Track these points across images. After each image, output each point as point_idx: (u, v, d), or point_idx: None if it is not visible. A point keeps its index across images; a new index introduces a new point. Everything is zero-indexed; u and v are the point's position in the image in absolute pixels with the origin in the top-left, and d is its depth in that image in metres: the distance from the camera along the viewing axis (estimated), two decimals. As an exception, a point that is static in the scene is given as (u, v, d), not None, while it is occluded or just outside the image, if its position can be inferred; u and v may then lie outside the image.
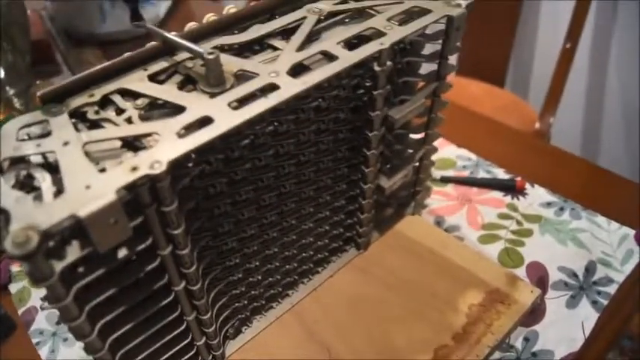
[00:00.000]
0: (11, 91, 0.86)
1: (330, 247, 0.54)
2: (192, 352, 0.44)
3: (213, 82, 0.36)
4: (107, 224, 0.29)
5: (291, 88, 0.36)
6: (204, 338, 0.44)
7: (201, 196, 0.37)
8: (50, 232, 0.28)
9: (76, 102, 0.36)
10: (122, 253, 0.34)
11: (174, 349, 0.42)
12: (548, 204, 0.63)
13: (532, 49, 1.26)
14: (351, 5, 0.46)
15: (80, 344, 0.53)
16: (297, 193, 0.45)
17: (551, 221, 0.61)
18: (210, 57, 0.35)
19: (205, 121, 0.33)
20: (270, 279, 0.49)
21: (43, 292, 0.59)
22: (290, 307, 0.52)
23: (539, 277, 0.56)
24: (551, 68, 1.07)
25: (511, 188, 0.64)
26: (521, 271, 0.56)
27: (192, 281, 0.39)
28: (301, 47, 0.40)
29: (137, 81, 0.37)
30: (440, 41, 0.48)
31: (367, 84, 0.44)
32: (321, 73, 0.37)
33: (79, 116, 0.35)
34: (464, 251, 0.56)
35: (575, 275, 0.55)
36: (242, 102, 0.36)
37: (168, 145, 0.32)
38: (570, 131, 1.26)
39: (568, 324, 0.52)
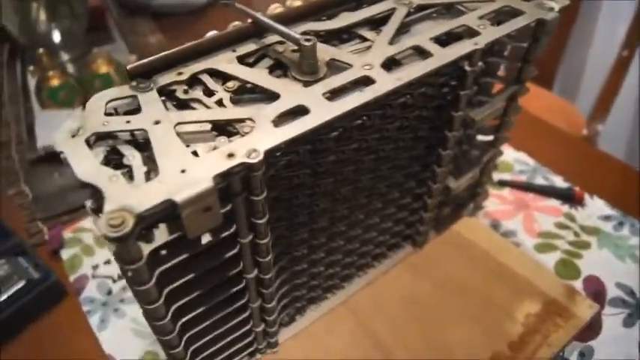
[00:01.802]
0: (66, 57, 0.85)
1: (390, 242, 0.52)
2: (250, 339, 0.43)
3: (306, 69, 0.34)
4: (200, 210, 0.28)
5: (385, 83, 0.34)
6: (263, 325, 0.43)
7: (285, 186, 0.35)
8: (145, 216, 0.26)
9: (165, 79, 0.34)
10: (205, 239, 0.32)
11: (234, 335, 0.41)
12: (607, 217, 0.60)
13: (585, 53, 1.21)
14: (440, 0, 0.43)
15: (131, 316, 0.53)
16: (371, 187, 0.43)
17: (609, 235, 0.58)
18: (307, 44, 0.33)
19: (301, 111, 0.31)
20: (331, 270, 0.47)
21: (94, 260, 0.58)
22: (345, 298, 0.50)
23: (596, 291, 0.53)
24: (604, 74, 1.03)
25: (570, 198, 0.62)
26: (577, 284, 0.54)
27: (264, 270, 0.37)
28: (393, 40, 0.38)
29: (226, 62, 0.35)
30: (524, 44, 0.45)
31: (453, 83, 0.41)
32: (415, 70, 0.35)
33: (167, 94, 0.34)
34: (521, 258, 0.54)
35: (632, 293, 0.53)
36: (335, 93, 0.34)
37: (264, 134, 0.30)
38: (616, 139, 1.22)
39: (624, 343, 0.49)
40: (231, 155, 0.29)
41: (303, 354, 0.47)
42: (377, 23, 0.40)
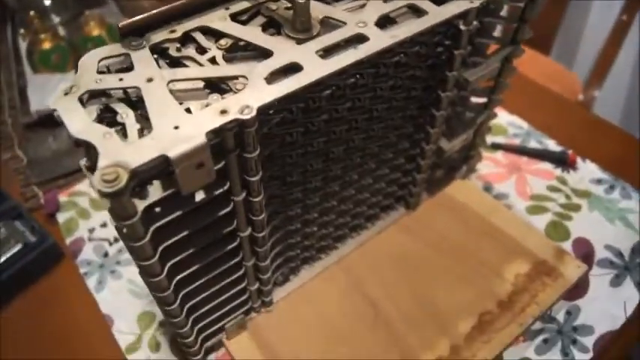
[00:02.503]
0: (56, 19, 0.83)
1: (383, 204, 0.53)
2: (245, 297, 0.44)
3: (299, 27, 0.34)
4: (194, 167, 0.28)
5: (380, 41, 0.34)
6: (257, 284, 0.44)
7: (277, 144, 0.35)
8: (138, 172, 0.27)
9: (157, 37, 0.34)
10: (199, 196, 0.33)
11: (229, 293, 0.42)
12: (599, 181, 0.61)
13: (584, 19, 1.20)
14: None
15: (128, 278, 0.54)
16: (364, 147, 0.43)
17: (600, 199, 0.59)
18: (300, 1, 0.33)
19: (294, 68, 0.31)
20: (324, 231, 0.48)
21: (90, 223, 0.59)
22: (338, 258, 0.51)
23: (585, 252, 0.54)
24: (602, 40, 1.02)
25: (563, 161, 0.62)
26: (567, 245, 0.55)
27: (258, 228, 0.38)
28: (387, -3, 0.38)
29: (219, 20, 0.35)
30: (521, 3, 0.44)
31: (447, 42, 0.41)
32: (410, 28, 0.35)
33: (159, 52, 0.33)
34: (512, 220, 0.55)
35: (620, 255, 0.54)
36: (329, 51, 0.34)
37: (256, 90, 0.30)
38: (613, 105, 1.22)
39: (611, 302, 0.51)
40: (224, 112, 0.29)
41: (297, 313, 0.48)
42: (372, -19, 0.40)
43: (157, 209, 0.31)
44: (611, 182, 0.61)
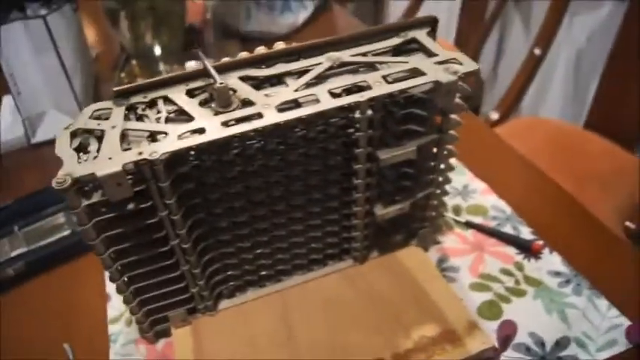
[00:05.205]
0: (164, 67, 1.14)
1: (327, 252, 0.68)
2: (188, 295, 0.63)
3: (221, 103, 0.54)
4: (114, 184, 0.49)
5: (270, 118, 0.52)
6: (197, 287, 0.63)
7: (198, 182, 0.55)
8: (79, 180, 0.48)
9: (135, 99, 0.56)
10: (131, 206, 0.53)
11: (172, 288, 0.61)
12: (557, 273, 0.68)
13: None
14: (366, 58, 0.59)
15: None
16: (287, 198, 0.60)
17: (549, 290, 0.66)
18: (219, 86, 0.53)
19: (200, 131, 0.51)
20: (263, 261, 0.65)
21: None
22: (281, 289, 0.68)
23: (505, 335, 0.63)
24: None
25: (526, 249, 0.71)
26: (493, 325, 0.64)
27: (184, 240, 0.57)
28: (302, 87, 0.55)
29: (177, 92, 0.56)
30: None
31: (357, 125, 0.57)
32: (299, 112, 0.52)
33: (132, 109, 0.56)
34: (444, 290, 0.66)
35: (542, 344, 0.61)
36: (238, 121, 0.53)
37: (168, 142, 0.50)
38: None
39: (510, 385, 0.59)
40: (140, 153, 0.49)
41: (231, 323, 0.65)
42: (304, 74, 0.58)
43: (103, 209, 0.53)
44: (568, 277, 0.68)
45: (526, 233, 0.74)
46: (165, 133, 0.52)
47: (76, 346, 0.66)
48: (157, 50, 1.13)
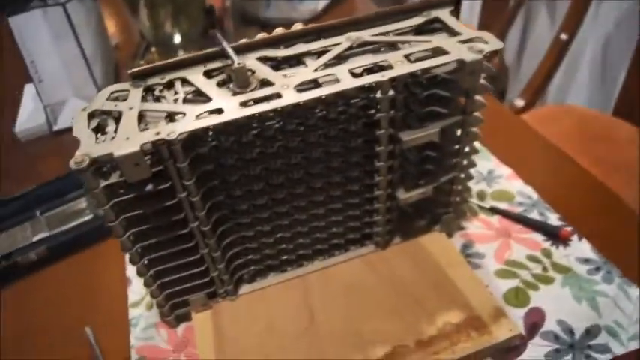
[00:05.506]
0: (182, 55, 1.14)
1: (348, 237, 0.67)
2: (208, 279, 0.63)
3: (239, 84, 0.53)
4: (132, 164, 0.48)
5: (289, 98, 0.51)
6: (217, 271, 0.62)
7: (216, 164, 0.54)
8: (97, 160, 0.48)
9: (152, 81, 0.56)
10: (149, 187, 0.53)
11: (192, 271, 0.61)
12: (586, 260, 0.66)
13: None
14: (387, 38, 0.58)
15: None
16: (307, 181, 0.59)
17: (578, 277, 0.65)
18: (237, 66, 0.52)
19: (217, 111, 0.50)
20: (284, 245, 0.65)
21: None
22: (302, 273, 0.67)
23: (533, 322, 0.61)
24: None
25: (554, 235, 0.69)
26: (519, 312, 0.62)
27: (203, 223, 0.56)
28: (322, 67, 0.54)
29: (195, 74, 0.56)
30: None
31: (379, 106, 0.56)
32: (319, 92, 0.51)
33: (149, 91, 0.55)
34: (468, 276, 0.64)
35: (571, 332, 0.60)
36: (256, 102, 0.52)
37: (186, 123, 0.50)
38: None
39: (537, 372, 0.57)
40: (158, 133, 0.49)
41: (251, 308, 0.65)
42: (323, 54, 0.57)
43: (121, 190, 0.52)
44: (598, 264, 0.66)
45: (553, 220, 0.72)
46: (183, 114, 0.51)
47: (97, 330, 0.67)
48: (177, 38, 1.12)
